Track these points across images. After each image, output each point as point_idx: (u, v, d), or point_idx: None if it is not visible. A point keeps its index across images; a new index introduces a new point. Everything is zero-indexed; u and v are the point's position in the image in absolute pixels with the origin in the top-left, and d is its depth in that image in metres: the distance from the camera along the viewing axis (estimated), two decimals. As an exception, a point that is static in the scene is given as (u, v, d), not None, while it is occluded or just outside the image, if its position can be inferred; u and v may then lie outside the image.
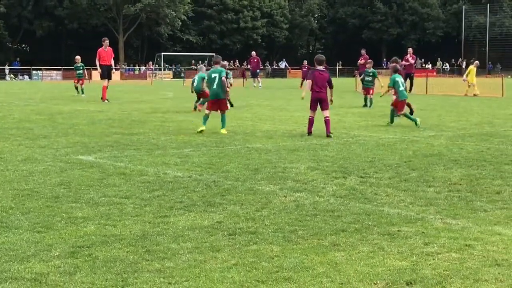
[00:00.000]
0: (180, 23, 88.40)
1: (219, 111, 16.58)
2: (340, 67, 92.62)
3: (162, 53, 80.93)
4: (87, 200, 8.47)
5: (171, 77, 78.31)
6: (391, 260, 6.06)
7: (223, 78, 16.58)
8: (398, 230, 7.11)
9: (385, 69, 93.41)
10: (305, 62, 49.75)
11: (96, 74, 33.75)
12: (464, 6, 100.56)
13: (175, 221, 7.45)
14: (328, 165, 11.37)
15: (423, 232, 7.06)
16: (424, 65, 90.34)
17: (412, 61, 39.05)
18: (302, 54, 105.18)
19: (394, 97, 19.16)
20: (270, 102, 29.73)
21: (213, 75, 16.64)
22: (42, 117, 20.32)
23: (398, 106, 18.86)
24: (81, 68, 35.42)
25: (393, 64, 20.42)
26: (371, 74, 27.39)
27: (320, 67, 16.41)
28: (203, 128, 16.25)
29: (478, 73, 39.20)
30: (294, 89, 44.33)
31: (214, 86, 16.54)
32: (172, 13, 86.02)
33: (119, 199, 8.57)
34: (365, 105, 26.90)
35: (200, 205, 8.27)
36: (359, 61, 41.20)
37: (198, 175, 10.32)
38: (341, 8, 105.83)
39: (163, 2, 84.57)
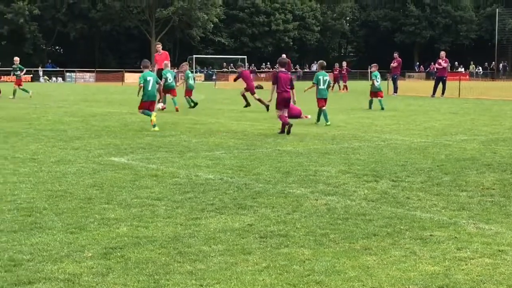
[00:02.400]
0: (212, 25, 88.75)
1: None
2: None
3: (194, 56, 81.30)
4: (119, 202, 8.53)
5: (203, 79, 78.59)
6: (423, 265, 6.02)
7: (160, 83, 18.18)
8: (431, 235, 7.06)
9: (417, 72, 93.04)
10: (337, 65, 49.57)
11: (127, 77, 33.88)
12: (497, 9, 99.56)
13: (206, 223, 7.47)
14: (360, 169, 11.33)
15: (455, 237, 7.00)
16: (457, 68, 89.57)
17: (445, 65, 38.75)
18: (334, 57, 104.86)
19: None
20: (301, 105, 29.63)
21: (148, 78, 17.74)
22: (76, 119, 20.52)
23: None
24: (18, 69, 34.80)
25: (320, 61, 21.90)
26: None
27: (284, 69, 17.72)
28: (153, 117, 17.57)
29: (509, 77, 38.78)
30: (325, 92, 44.26)
31: (149, 88, 17.71)
32: (204, 16, 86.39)
33: (151, 200, 8.62)
34: (370, 108, 26.91)
35: (231, 208, 8.28)
36: (391, 64, 41.02)
37: (229, 178, 10.35)
38: (373, 11, 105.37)
39: (195, 5, 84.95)
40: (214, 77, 74.12)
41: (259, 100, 25.67)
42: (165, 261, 6.07)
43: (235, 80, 28.81)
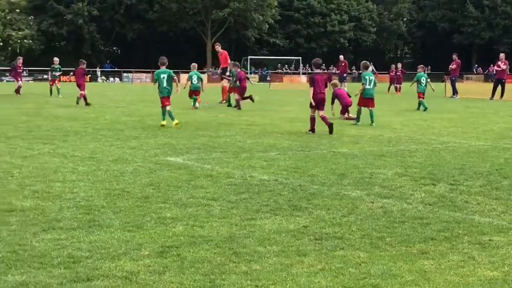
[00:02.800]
0: (267, 26, 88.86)
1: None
2: (429, 72, 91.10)
3: (249, 57, 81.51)
4: (175, 201, 8.60)
5: (257, 80, 78.73)
6: (482, 270, 5.92)
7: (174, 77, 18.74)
8: (490, 240, 6.94)
9: (475, 74, 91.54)
10: (393, 66, 49.06)
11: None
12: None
13: (261, 224, 7.49)
14: (417, 172, 11.21)
15: (515, 242, 6.87)
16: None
17: (504, 67, 38.06)
18: (390, 58, 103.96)
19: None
20: (356, 106, 29.44)
21: (161, 75, 18.56)
22: (133, 119, 20.77)
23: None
24: (58, 70, 36.77)
25: (363, 62, 22.39)
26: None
27: (319, 70, 18.04)
28: (164, 123, 18.37)
29: None
30: (381, 94, 43.87)
31: (164, 85, 18.49)
32: (260, 17, 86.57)
33: (207, 200, 8.68)
34: (418, 109, 27.20)
35: (286, 209, 8.28)
36: (450, 66, 40.46)
37: (284, 179, 10.34)
38: (431, 12, 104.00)
39: (251, 7, 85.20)
40: (268, 78, 74.16)
41: (237, 100, 26.78)
42: (221, 261, 6.10)
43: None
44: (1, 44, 79.08)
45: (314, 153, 13.42)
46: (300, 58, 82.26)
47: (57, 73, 37.29)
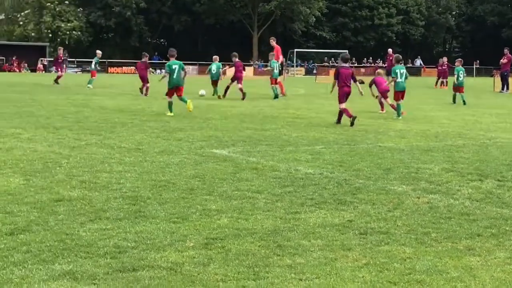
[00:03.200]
0: (314, 19, 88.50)
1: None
2: (478, 66, 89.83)
3: (295, 50, 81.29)
4: (220, 193, 8.64)
5: (303, 73, 78.53)
6: (529, 268, 5.83)
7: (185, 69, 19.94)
8: (538, 238, 6.83)
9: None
10: (441, 60, 48.40)
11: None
12: None
13: (306, 218, 7.48)
14: (464, 167, 11.07)
15: None
16: None
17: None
18: (438, 52, 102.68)
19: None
20: (403, 100, 29.20)
21: (173, 66, 19.53)
22: (179, 111, 20.87)
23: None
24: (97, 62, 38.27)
25: (396, 55, 22.94)
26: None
27: (346, 64, 18.53)
28: (171, 114, 19.11)
29: None
30: (429, 88, 43.43)
31: (175, 76, 19.45)
32: (307, 10, 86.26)
33: (251, 193, 8.69)
34: (454, 102, 27.38)
35: (331, 203, 8.26)
36: (501, 61, 39.77)
37: (329, 173, 10.31)
38: (480, 6, 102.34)
39: (298, 0, 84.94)
40: (314, 71, 73.86)
41: (241, 89, 28.07)
42: (265, 253, 6.12)
43: (230, 67, 32.18)
44: (51, 35, 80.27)
45: (360, 147, 13.35)
46: (347, 51, 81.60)
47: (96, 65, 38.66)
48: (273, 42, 32.50)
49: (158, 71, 77.92)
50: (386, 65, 51.36)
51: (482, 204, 8.35)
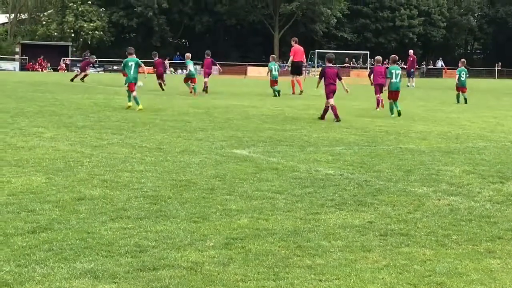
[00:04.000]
0: (335, 20, 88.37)
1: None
2: (499, 68, 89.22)
3: (316, 50, 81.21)
4: (240, 193, 8.67)
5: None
6: (551, 272, 5.80)
7: (142, 65, 22.10)
8: (559, 241, 6.79)
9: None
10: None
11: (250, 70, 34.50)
12: None
13: (326, 219, 7.48)
14: (485, 169, 11.02)
15: None
16: None
17: None
18: (460, 53, 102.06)
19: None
20: (424, 102, 29.17)
21: (129, 63, 21.34)
22: (200, 111, 20.96)
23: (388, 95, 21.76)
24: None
25: (392, 56, 24.06)
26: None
27: (331, 64, 20.15)
28: (130, 104, 21.16)
29: None
30: (450, 89, 43.18)
31: (132, 72, 21.22)
32: (328, 11, 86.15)
33: (272, 193, 8.71)
34: (458, 102, 28.57)
35: (351, 204, 8.26)
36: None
37: (349, 174, 10.31)
38: (502, 8, 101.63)
39: (319, 0, 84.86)
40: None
41: (160, 84, 33.12)
42: (285, 254, 6.13)
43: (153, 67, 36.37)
44: (73, 35, 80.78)
45: (380, 149, 13.32)
46: (368, 52, 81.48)
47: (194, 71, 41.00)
48: (292, 42, 35.86)
49: (180, 71, 78.25)
50: (406, 66, 51.15)
51: (503, 207, 8.31)
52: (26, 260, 5.78)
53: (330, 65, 20.23)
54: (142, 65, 22.17)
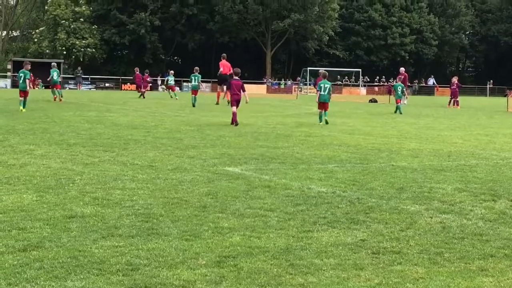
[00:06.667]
0: (328, 38, 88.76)
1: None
2: (491, 86, 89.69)
3: (308, 68, 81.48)
4: (233, 211, 8.65)
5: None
6: (543, 290, 5.79)
7: (29, 78, 28.23)
8: (552, 259, 6.78)
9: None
10: (454, 79, 48.18)
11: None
12: None
13: (318, 237, 7.47)
14: (477, 187, 11.03)
15: None
16: None
17: None
18: (452, 71, 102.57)
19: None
20: (416, 120, 29.25)
21: (20, 74, 27.97)
22: (191, 128, 20.95)
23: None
24: (173, 78, 50.29)
25: (323, 72, 27.82)
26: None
27: (237, 77, 23.94)
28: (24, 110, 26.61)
29: None
30: (442, 107, 43.36)
31: (21, 82, 27.88)
32: (320, 28, 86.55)
33: (264, 211, 8.70)
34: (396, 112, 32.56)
35: (343, 222, 8.24)
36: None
37: (342, 191, 10.30)
38: (494, 26, 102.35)
39: (312, 18, 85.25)
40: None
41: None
42: (277, 272, 6.11)
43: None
44: (65, 52, 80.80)
45: (372, 166, 13.33)
46: (360, 70, 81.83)
47: (172, 81, 50.08)
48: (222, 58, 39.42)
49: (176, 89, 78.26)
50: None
51: (495, 225, 8.31)
52: (17, 278, 5.75)
53: (237, 78, 23.89)
54: (31, 78, 28.43)
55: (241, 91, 23.22)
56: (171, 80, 49.83)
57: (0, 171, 11.32)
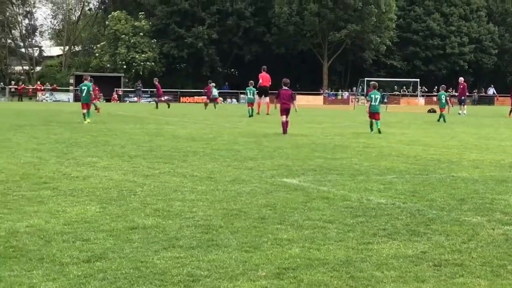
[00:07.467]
0: (385, 48, 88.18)
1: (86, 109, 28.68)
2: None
3: (365, 78, 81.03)
4: (291, 223, 8.66)
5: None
6: None
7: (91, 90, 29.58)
8: None
9: None
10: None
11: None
12: None
13: (378, 249, 7.43)
14: (541, 198, 10.80)
15: None
16: None
17: None
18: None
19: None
20: (476, 130, 28.82)
21: (83, 88, 29.16)
22: (249, 140, 21.05)
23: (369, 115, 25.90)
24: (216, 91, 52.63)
25: (373, 83, 28.76)
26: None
27: (286, 87, 24.32)
28: (88, 121, 27.96)
29: None
30: (502, 117, 42.60)
31: (83, 95, 28.98)
32: (377, 39, 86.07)
33: (323, 223, 8.69)
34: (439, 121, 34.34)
35: (404, 234, 8.18)
36: None
37: (401, 203, 10.22)
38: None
39: (368, 28, 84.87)
40: (385, 100, 73.38)
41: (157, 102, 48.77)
42: (338, 284, 6.10)
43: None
44: (125, 66, 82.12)
45: (432, 177, 13.19)
46: (418, 80, 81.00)
47: (216, 93, 52.80)
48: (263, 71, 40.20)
49: (229, 100, 78.87)
50: (458, 93, 50.68)
51: (560, 237, 8.14)
52: (81, 288, 5.87)
53: (286, 88, 24.28)
54: (91, 91, 29.61)
55: (291, 100, 24.19)
56: (214, 92, 52.47)
57: (65, 183, 11.57)
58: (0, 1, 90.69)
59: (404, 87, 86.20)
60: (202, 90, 56.71)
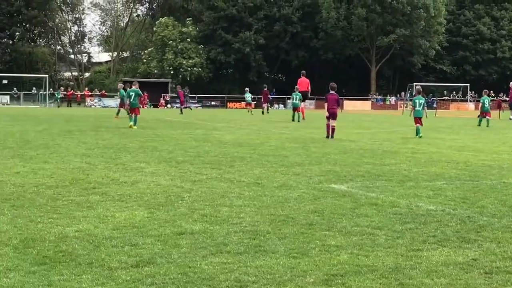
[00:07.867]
0: (434, 53, 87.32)
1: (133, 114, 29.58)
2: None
3: (414, 83, 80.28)
4: (339, 229, 8.59)
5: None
6: None
7: (140, 96, 31.83)
8: None
9: None
10: None
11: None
12: None
13: (428, 256, 7.32)
14: None
15: None
16: None
17: None
18: None
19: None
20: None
21: (131, 93, 30.05)
22: (296, 145, 21.00)
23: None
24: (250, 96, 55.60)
25: (418, 87, 29.18)
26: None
27: (333, 92, 24.79)
28: (135, 127, 28.52)
29: None
30: (555, 122, 41.77)
31: (132, 100, 29.96)
32: (426, 43, 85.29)
33: (371, 229, 8.60)
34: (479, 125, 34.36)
35: (454, 241, 8.05)
36: None
37: (451, 209, 10.07)
38: None
39: (417, 33, 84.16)
40: (435, 105, 72.62)
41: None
42: (386, 291, 6.02)
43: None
44: (172, 72, 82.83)
45: (483, 183, 12.97)
46: (468, 85, 79.99)
47: (249, 98, 56.02)
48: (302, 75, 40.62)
49: (276, 105, 78.91)
50: (509, 98, 49.84)
51: None
52: (129, 293, 5.89)
53: (333, 92, 24.71)
54: (141, 96, 30.53)
55: (337, 105, 24.84)
56: (248, 97, 55.54)
57: (113, 188, 11.68)
58: (50, 8, 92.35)
59: (454, 92, 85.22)
60: (260, 96, 58.15)
